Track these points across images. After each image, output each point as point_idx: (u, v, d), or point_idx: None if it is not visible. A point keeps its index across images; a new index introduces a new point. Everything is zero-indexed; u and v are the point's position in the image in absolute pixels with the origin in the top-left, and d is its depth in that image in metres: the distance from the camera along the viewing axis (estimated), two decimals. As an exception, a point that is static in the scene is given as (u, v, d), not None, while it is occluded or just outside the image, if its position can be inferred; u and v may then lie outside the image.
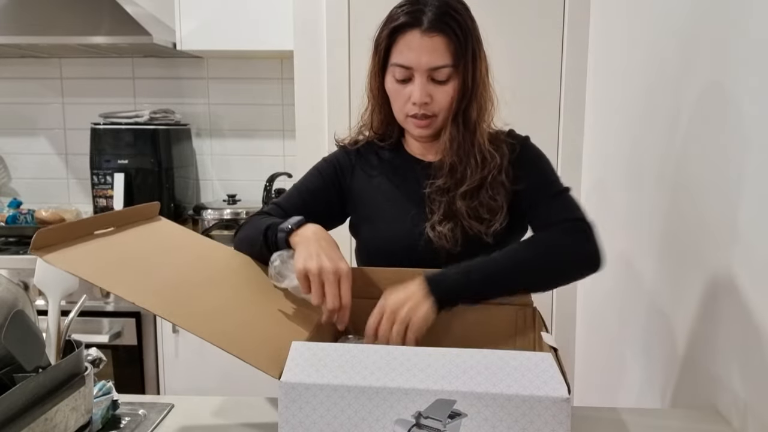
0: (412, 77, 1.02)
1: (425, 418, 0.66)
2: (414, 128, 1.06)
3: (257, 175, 2.43)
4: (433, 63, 1.00)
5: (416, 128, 1.06)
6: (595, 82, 1.85)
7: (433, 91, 1.02)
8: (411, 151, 1.15)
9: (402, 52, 1.01)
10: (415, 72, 1.01)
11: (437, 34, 0.99)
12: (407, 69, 1.01)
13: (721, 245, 1.01)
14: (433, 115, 1.04)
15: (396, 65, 1.02)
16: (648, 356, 1.35)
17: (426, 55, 0.99)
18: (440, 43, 0.99)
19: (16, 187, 2.65)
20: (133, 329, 2.07)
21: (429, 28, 0.99)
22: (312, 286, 0.90)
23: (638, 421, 0.93)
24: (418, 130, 1.07)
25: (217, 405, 0.96)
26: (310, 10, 1.98)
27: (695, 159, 1.13)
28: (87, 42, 2.13)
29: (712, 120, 1.06)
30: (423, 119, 1.04)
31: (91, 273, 0.74)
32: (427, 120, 1.04)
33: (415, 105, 1.02)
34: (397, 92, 1.05)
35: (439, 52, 1.00)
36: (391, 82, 1.05)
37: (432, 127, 1.06)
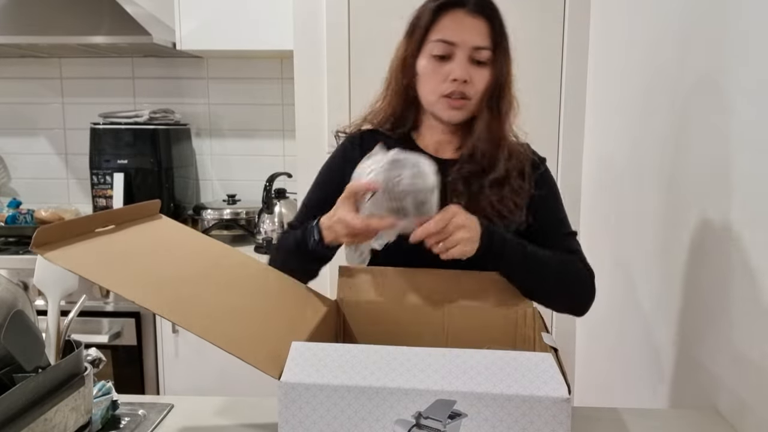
0: (452, 55, 1.01)
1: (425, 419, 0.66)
2: (446, 109, 1.04)
3: (257, 175, 2.43)
4: (477, 42, 1.01)
5: (449, 109, 1.04)
6: (595, 83, 1.85)
7: (473, 72, 1.02)
8: (424, 147, 1.11)
9: (447, 27, 1.01)
10: (458, 49, 1.01)
11: (481, 16, 1.01)
12: (450, 45, 1.01)
13: (720, 245, 1.01)
14: (467, 97, 1.03)
15: (439, 41, 1.02)
16: (648, 356, 1.35)
17: (471, 34, 1.01)
18: (483, 26, 1.01)
19: (15, 187, 2.65)
20: (133, 329, 2.07)
21: (474, 10, 1.01)
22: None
23: (638, 421, 0.93)
24: (450, 112, 1.04)
25: (217, 405, 0.95)
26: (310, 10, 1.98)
27: (695, 159, 1.13)
28: (87, 42, 2.13)
29: (712, 120, 1.06)
30: (458, 100, 1.02)
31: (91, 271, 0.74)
32: (461, 101, 1.03)
33: (454, 82, 1.01)
34: (433, 70, 1.03)
35: (483, 33, 1.01)
36: (428, 61, 1.03)
37: (465, 110, 1.04)
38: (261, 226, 2.21)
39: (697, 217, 1.11)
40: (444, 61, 1.02)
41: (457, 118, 1.05)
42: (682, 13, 1.21)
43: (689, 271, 1.14)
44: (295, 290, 1.01)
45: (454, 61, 1.01)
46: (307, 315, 0.92)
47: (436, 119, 1.08)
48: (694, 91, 1.14)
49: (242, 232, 2.33)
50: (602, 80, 1.79)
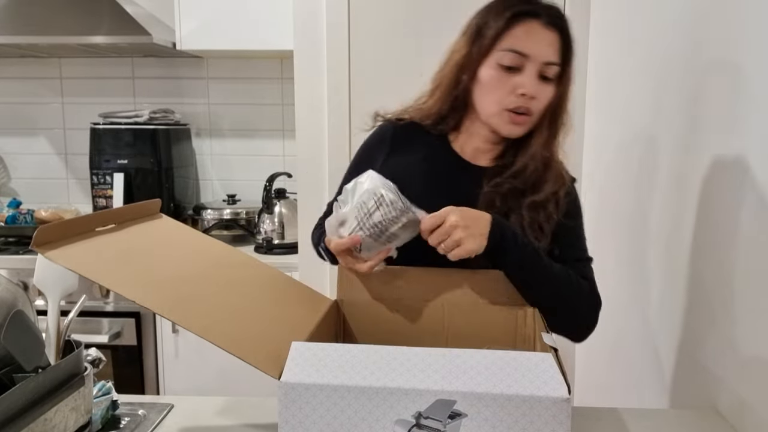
0: (521, 68, 0.96)
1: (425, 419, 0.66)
2: (507, 123, 0.99)
3: (257, 175, 2.43)
4: (550, 57, 0.96)
5: (510, 124, 0.99)
6: (596, 83, 1.85)
7: (539, 87, 0.97)
8: (459, 150, 1.08)
9: (521, 38, 0.96)
10: (529, 62, 0.96)
11: (555, 30, 0.97)
12: (521, 57, 0.96)
13: (721, 245, 1.01)
14: (531, 113, 0.98)
15: (510, 50, 0.96)
16: (648, 356, 1.35)
17: (544, 47, 0.96)
18: (555, 40, 0.97)
19: (15, 187, 2.65)
20: (133, 329, 2.07)
21: (548, 22, 0.96)
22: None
23: (638, 421, 0.93)
24: (510, 126, 1.00)
25: (217, 405, 0.95)
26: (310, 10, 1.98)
27: (695, 159, 1.13)
28: (87, 42, 2.13)
29: (713, 119, 1.06)
30: (521, 115, 0.98)
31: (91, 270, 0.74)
32: (524, 117, 0.98)
33: (521, 96, 0.96)
34: (499, 81, 0.98)
35: (555, 47, 0.97)
36: (494, 70, 0.98)
37: (526, 125, 1.00)
38: (261, 226, 2.21)
39: (698, 216, 1.11)
40: (512, 72, 0.97)
41: (517, 133, 1.01)
42: (682, 12, 1.21)
43: (690, 271, 1.14)
44: (295, 290, 1.01)
45: (524, 74, 0.96)
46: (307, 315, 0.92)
47: (492, 131, 1.03)
48: (693, 91, 1.14)
49: (242, 232, 2.33)
50: (602, 80, 1.79)
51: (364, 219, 0.90)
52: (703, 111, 1.10)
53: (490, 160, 1.07)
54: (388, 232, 0.90)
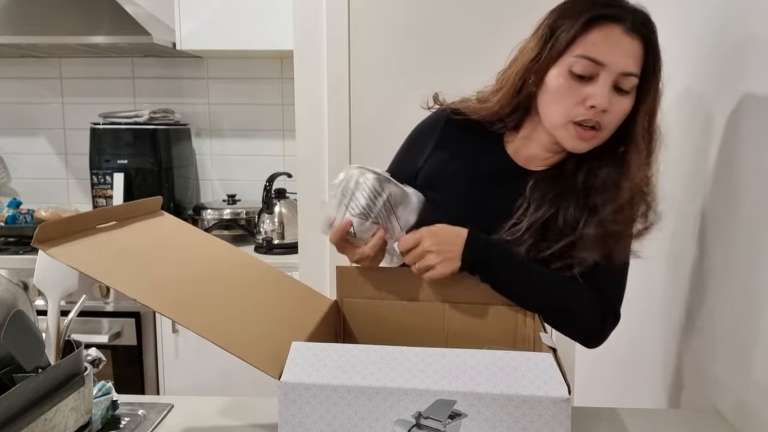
0: (596, 76, 0.87)
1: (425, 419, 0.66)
2: (573, 138, 0.91)
3: (257, 175, 2.43)
4: (628, 67, 0.87)
5: (576, 139, 0.91)
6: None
7: (613, 100, 0.88)
8: (513, 153, 1.01)
9: (597, 45, 0.87)
10: (604, 71, 0.87)
11: (638, 37, 0.87)
12: (597, 65, 0.87)
13: (722, 245, 1.01)
14: (601, 128, 0.89)
15: (584, 57, 0.87)
16: (648, 357, 1.35)
17: (623, 56, 0.86)
18: (638, 49, 0.87)
19: (15, 187, 2.65)
20: (133, 329, 2.07)
21: (631, 28, 0.86)
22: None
23: (638, 422, 0.93)
24: (576, 142, 0.91)
25: (217, 405, 0.95)
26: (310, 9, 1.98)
27: (697, 159, 1.13)
28: (87, 42, 2.13)
29: (714, 119, 1.06)
30: (589, 130, 0.89)
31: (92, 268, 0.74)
32: (593, 132, 0.89)
33: (592, 109, 0.87)
34: (569, 90, 0.89)
35: (636, 57, 0.87)
36: (564, 77, 0.89)
37: (593, 141, 0.91)
38: (261, 226, 2.21)
39: (699, 216, 1.11)
40: (584, 81, 0.88)
41: (582, 148, 0.92)
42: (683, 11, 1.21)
43: (690, 271, 1.14)
44: (295, 290, 1.01)
45: (597, 85, 0.87)
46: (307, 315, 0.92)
47: (555, 142, 0.95)
48: (693, 90, 1.14)
49: (242, 232, 2.33)
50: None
51: (348, 204, 0.94)
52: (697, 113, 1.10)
53: (544, 163, 1.00)
54: (376, 208, 0.94)
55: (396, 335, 0.97)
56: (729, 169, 0.99)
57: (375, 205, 0.93)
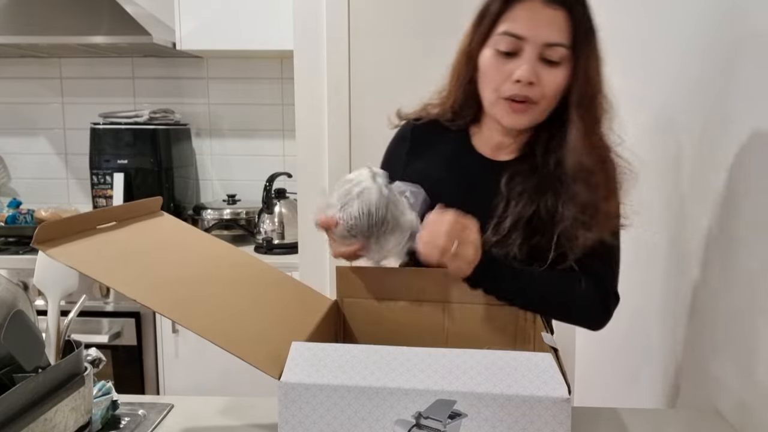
0: (520, 51, 0.89)
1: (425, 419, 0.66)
2: (507, 113, 0.93)
3: (257, 175, 2.43)
4: (550, 38, 0.88)
5: (510, 113, 0.92)
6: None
7: (542, 72, 0.89)
8: (480, 146, 1.02)
9: (516, 20, 0.89)
10: (527, 45, 0.88)
11: (561, 7, 0.88)
12: (518, 39, 0.89)
13: (723, 245, 1.01)
14: (533, 101, 0.91)
15: (505, 34, 0.89)
16: (648, 356, 1.35)
17: (545, 28, 0.88)
18: (562, 19, 0.88)
19: (15, 187, 2.65)
20: (133, 329, 2.07)
21: (552, 0, 0.88)
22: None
23: (638, 422, 0.93)
24: (510, 117, 0.93)
25: (217, 405, 0.95)
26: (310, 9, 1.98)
27: (697, 159, 1.13)
28: (87, 42, 2.13)
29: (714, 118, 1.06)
30: (520, 104, 0.91)
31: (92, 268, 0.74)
32: (524, 105, 0.91)
33: (517, 84, 0.89)
34: (495, 68, 0.91)
35: (559, 27, 0.88)
36: (491, 56, 0.92)
37: (529, 115, 0.92)
38: (261, 226, 2.21)
39: (699, 216, 1.11)
40: (509, 57, 0.90)
41: (519, 123, 0.94)
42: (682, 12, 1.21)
43: (690, 270, 1.14)
44: (295, 290, 1.01)
45: (521, 59, 0.89)
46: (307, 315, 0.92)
47: (496, 122, 0.97)
48: (693, 90, 1.14)
49: (242, 232, 2.33)
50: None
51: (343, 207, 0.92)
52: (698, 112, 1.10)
53: (512, 152, 1.00)
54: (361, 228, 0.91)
55: (396, 335, 0.97)
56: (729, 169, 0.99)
57: (363, 224, 0.90)
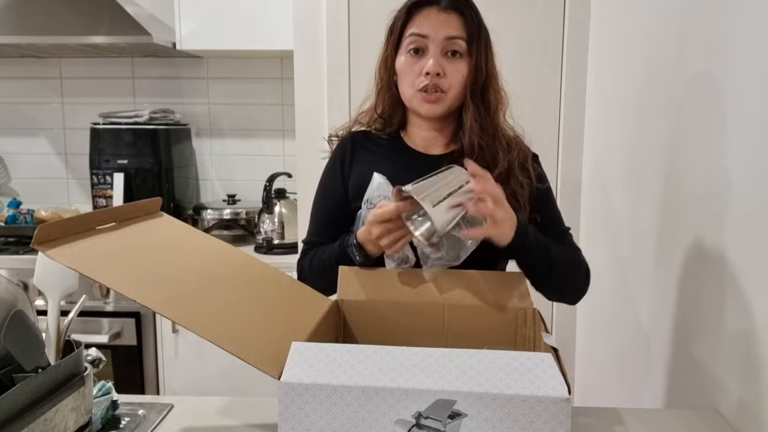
0: (425, 49, 1.04)
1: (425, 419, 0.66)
2: (422, 103, 1.06)
3: (257, 175, 2.43)
4: (449, 32, 1.03)
5: (425, 103, 1.06)
6: (596, 82, 1.85)
7: (446, 64, 1.04)
8: (413, 144, 1.14)
9: (418, 24, 1.05)
10: (431, 42, 1.04)
11: (454, 12, 1.04)
12: (422, 38, 1.04)
13: (721, 244, 1.01)
14: (442, 90, 1.04)
15: (412, 35, 1.05)
16: (648, 356, 1.35)
17: (442, 25, 1.03)
18: (456, 20, 1.04)
19: (15, 187, 2.65)
20: (133, 329, 2.07)
21: (446, 6, 1.04)
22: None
23: (638, 422, 0.93)
24: (426, 106, 1.06)
25: (217, 405, 0.95)
26: (310, 10, 1.98)
27: (697, 159, 1.13)
28: (87, 42, 2.13)
29: (714, 119, 1.06)
30: (432, 93, 1.04)
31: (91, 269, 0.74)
32: (436, 95, 1.04)
33: (427, 75, 1.03)
34: (408, 66, 1.06)
35: (455, 26, 1.04)
36: (404, 58, 1.07)
37: (441, 103, 1.05)
38: (261, 226, 2.21)
39: (697, 216, 1.11)
40: (419, 55, 1.05)
41: (434, 111, 1.07)
42: (681, 12, 1.21)
43: (689, 270, 1.14)
44: (295, 290, 1.00)
45: (428, 55, 1.04)
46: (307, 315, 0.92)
47: (417, 115, 1.10)
48: (693, 90, 1.14)
49: (242, 232, 2.33)
50: (602, 80, 1.79)
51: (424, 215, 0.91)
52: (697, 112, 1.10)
53: (443, 146, 1.12)
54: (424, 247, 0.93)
55: (396, 335, 0.97)
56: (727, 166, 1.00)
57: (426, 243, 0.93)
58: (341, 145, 1.18)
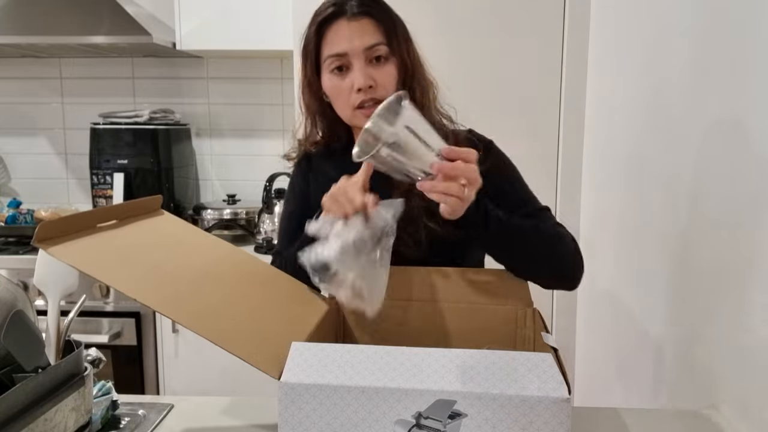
0: (349, 65, 0.99)
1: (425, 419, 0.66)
2: (364, 120, 0.97)
3: (257, 175, 2.43)
4: (367, 42, 0.98)
5: (366, 119, 0.97)
6: (595, 82, 1.85)
7: (374, 73, 0.99)
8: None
9: (332, 42, 0.99)
10: (351, 57, 0.98)
11: (364, 17, 0.99)
12: (342, 57, 0.99)
13: (721, 244, 1.01)
14: (381, 100, 0.95)
15: (329, 56, 1.00)
16: (648, 356, 1.35)
17: (357, 38, 0.98)
18: (369, 25, 0.99)
19: (15, 187, 2.65)
20: (133, 329, 2.07)
21: (354, 14, 0.99)
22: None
23: (638, 421, 0.93)
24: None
25: (217, 405, 0.95)
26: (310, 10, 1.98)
27: (696, 159, 1.13)
28: (87, 42, 2.13)
29: (715, 120, 1.06)
30: (371, 108, 0.97)
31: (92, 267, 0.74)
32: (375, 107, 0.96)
33: (360, 92, 0.98)
34: (337, 87, 1.01)
35: (370, 32, 0.99)
36: (329, 79, 1.01)
37: None
38: (261, 226, 2.21)
39: (698, 216, 1.11)
40: (344, 73, 1.00)
41: None
42: (682, 12, 1.21)
43: (690, 270, 1.14)
44: (295, 290, 1.01)
45: (353, 70, 0.99)
46: (307, 315, 0.92)
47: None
48: (699, 90, 1.14)
49: (242, 232, 2.33)
50: (602, 79, 1.79)
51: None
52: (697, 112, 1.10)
53: None
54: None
55: (396, 335, 0.97)
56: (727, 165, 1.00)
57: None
58: (299, 165, 1.17)
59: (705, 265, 1.07)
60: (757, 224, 0.90)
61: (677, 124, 1.22)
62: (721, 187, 1.02)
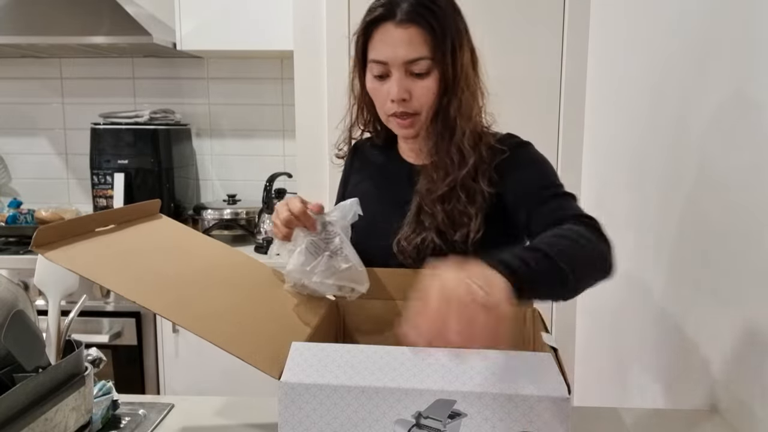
0: (389, 73, 0.97)
1: (425, 418, 0.66)
2: (397, 128, 1.02)
3: (257, 175, 2.43)
4: (409, 55, 0.95)
5: (399, 128, 1.02)
6: (596, 83, 1.85)
7: (412, 86, 0.97)
8: (402, 153, 1.11)
9: (376, 47, 0.97)
10: (392, 67, 0.96)
11: (412, 25, 0.94)
12: (383, 64, 0.97)
13: (721, 244, 1.01)
14: (414, 113, 0.99)
15: (372, 62, 0.98)
16: (648, 356, 1.35)
17: (401, 48, 0.95)
18: (416, 35, 0.94)
19: (16, 187, 2.65)
20: (133, 329, 2.07)
21: (403, 20, 0.94)
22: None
23: (638, 421, 0.93)
24: (401, 131, 1.02)
25: (217, 405, 0.96)
26: (310, 10, 1.98)
27: (697, 159, 1.13)
28: (87, 42, 2.13)
29: (716, 120, 1.06)
30: (405, 118, 0.99)
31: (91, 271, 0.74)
32: (409, 119, 0.99)
33: (394, 103, 0.97)
34: (376, 91, 1.00)
35: (415, 44, 0.95)
36: (371, 81, 1.01)
37: (415, 126, 1.00)
38: (261, 226, 2.21)
39: (698, 216, 1.11)
40: (384, 80, 0.98)
41: (411, 134, 1.02)
42: (682, 11, 1.21)
43: (689, 270, 1.14)
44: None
45: (391, 80, 0.97)
46: (307, 315, 0.92)
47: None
48: (700, 90, 1.14)
49: (242, 232, 2.33)
50: (602, 80, 1.79)
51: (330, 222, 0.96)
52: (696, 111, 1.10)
53: (426, 155, 1.05)
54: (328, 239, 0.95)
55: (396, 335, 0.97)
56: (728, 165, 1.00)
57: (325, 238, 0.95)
58: (349, 156, 1.20)
59: (705, 264, 1.07)
60: (757, 224, 0.90)
61: (677, 123, 1.22)
62: (721, 187, 1.02)
